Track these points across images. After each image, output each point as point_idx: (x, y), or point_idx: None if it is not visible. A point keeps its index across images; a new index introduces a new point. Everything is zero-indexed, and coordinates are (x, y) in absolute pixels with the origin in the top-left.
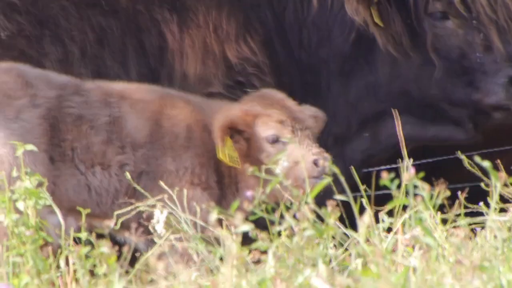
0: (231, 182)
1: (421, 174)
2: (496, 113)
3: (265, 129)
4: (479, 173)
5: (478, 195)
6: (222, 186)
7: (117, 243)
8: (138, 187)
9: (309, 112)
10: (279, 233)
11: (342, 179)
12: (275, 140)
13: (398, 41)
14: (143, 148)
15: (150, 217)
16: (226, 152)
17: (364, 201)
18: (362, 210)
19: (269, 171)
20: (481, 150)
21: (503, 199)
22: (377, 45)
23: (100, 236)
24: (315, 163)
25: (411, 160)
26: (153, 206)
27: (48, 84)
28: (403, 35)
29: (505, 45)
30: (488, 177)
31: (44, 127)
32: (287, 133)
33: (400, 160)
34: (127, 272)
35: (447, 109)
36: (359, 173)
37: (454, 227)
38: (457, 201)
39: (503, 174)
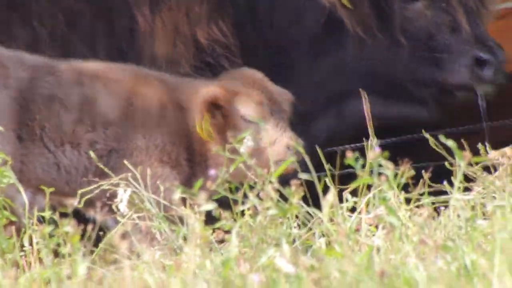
0: (201, 160)
1: (386, 154)
2: (459, 93)
3: (243, 108)
4: (443, 152)
5: (442, 174)
6: (193, 164)
7: (86, 220)
8: (101, 166)
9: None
10: (243, 213)
11: (307, 158)
12: (252, 120)
13: (367, 23)
14: (114, 126)
15: (114, 196)
16: (203, 127)
17: (328, 180)
18: (326, 189)
19: (235, 150)
20: (446, 129)
21: (467, 178)
22: (346, 27)
23: (69, 214)
24: (288, 147)
25: (376, 139)
26: (118, 184)
27: (21, 65)
28: (371, 17)
29: (472, 27)
30: (453, 157)
31: (13, 108)
32: (264, 114)
33: (365, 139)
34: (91, 251)
35: (413, 89)
36: (324, 151)
37: (418, 206)
38: (421, 180)
39: (467, 154)
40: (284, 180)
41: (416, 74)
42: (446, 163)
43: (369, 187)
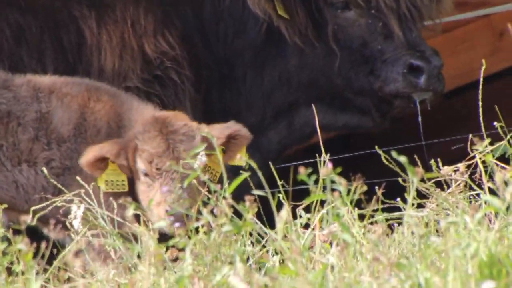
0: None
1: (338, 169)
2: (396, 101)
3: (139, 162)
4: (396, 168)
5: (396, 190)
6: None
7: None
8: (55, 182)
9: (220, 134)
10: (197, 230)
11: (260, 173)
12: (146, 175)
13: (304, 33)
14: (67, 143)
15: (67, 213)
16: (105, 178)
17: (282, 196)
18: (279, 205)
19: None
20: (399, 145)
21: (420, 194)
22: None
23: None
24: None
25: (329, 155)
26: (72, 201)
27: None
28: (307, 26)
29: (405, 33)
30: (406, 173)
31: None
32: (153, 173)
33: (317, 155)
34: (45, 269)
35: (352, 98)
36: (276, 164)
37: (372, 223)
38: (374, 197)
39: (420, 169)
40: (238, 195)
41: (352, 83)
42: (399, 179)
43: (322, 203)
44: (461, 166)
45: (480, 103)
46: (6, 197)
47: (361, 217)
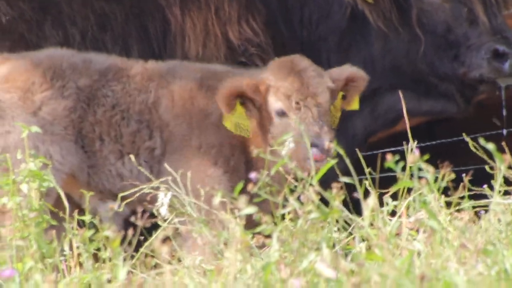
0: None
1: (426, 157)
2: (481, 86)
3: (273, 101)
4: (484, 156)
5: (483, 177)
6: (250, 167)
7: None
8: (143, 170)
9: (339, 76)
10: (283, 217)
11: (348, 160)
12: (282, 114)
13: (388, 17)
14: (169, 127)
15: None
16: (233, 120)
17: (368, 183)
18: (366, 192)
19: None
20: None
21: (507, 181)
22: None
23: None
24: (313, 144)
25: (416, 142)
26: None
27: (83, 71)
28: (391, 10)
29: (490, 19)
30: (493, 160)
31: (72, 119)
32: (293, 109)
33: (404, 143)
34: (132, 256)
35: (436, 83)
36: (362, 151)
37: (458, 210)
38: (461, 184)
39: (507, 156)
40: (324, 182)
41: (436, 68)
42: (486, 167)
43: (409, 190)
44: None
45: None
46: (114, 189)
47: (448, 204)
